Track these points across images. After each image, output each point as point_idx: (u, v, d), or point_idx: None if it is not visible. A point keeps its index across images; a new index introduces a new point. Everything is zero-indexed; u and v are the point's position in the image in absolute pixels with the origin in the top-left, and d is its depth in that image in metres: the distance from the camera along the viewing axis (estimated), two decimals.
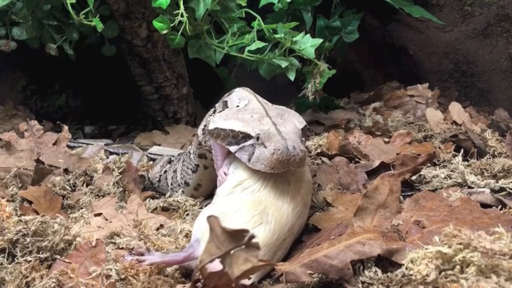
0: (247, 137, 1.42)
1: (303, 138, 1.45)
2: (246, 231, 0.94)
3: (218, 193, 1.45)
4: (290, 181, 1.41)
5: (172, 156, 2.24)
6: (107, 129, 3.24)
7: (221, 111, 1.70)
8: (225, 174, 1.50)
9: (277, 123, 1.43)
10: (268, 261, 1.22)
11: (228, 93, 1.80)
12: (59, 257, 1.30)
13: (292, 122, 1.47)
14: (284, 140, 1.36)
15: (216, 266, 1.15)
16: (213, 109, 1.82)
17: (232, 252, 0.94)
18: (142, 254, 1.31)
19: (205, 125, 1.62)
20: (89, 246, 1.33)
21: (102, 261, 1.27)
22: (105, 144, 2.54)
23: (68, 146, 2.29)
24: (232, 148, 1.45)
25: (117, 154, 2.30)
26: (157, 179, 2.16)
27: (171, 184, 2.05)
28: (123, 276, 1.20)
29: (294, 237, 1.41)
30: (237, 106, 1.66)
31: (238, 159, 1.46)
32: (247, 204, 1.35)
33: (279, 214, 1.34)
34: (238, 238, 0.94)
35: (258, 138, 1.40)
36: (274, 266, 1.23)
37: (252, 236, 0.93)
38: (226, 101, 1.75)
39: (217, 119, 1.54)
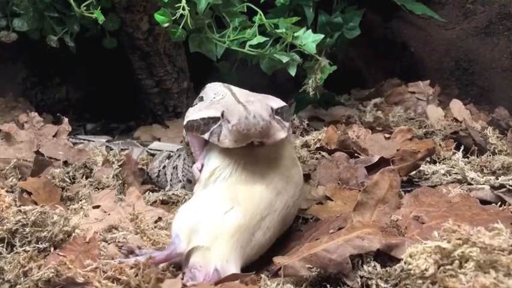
0: (216, 120, 1.42)
1: (277, 117, 1.43)
2: None
3: (195, 189, 1.45)
4: (260, 158, 1.40)
5: (172, 151, 2.24)
6: (108, 127, 3.23)
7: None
8: (199, 170, 1.47)
9: (246, 105, 1.41)
10: (247, 274, 1.22)
11: (202, 89, 1.79)
12: (52, 249, 1.30)
13: (264, 102, 1.45)
14: (247, 113, 1.34)
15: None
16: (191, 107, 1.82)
17: None
18: (132, 250, 1.32)
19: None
20: (82, 241, 1.33)
21: (96, 256, 1.27)
22: (106, 141, 2.55)
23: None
24: (206, 135, 1.45)
25: None
26: (156, 174, 2.16)
27: (171, 180, 2.05)
28: (111, 274, 1.19)
29: (281, 216, 1.39)
30: (211, 100, 1.64)
31: (210, 150, 1.47)
32: (218, 191, 1.36)
33: (250, 193, 1.34)
34: None
35: (222, 115, 1.40)
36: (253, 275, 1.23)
37: None
38: (202, 97, 1.74)
39: (189, 113, 1.54)
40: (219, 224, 1.29)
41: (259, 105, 1.40)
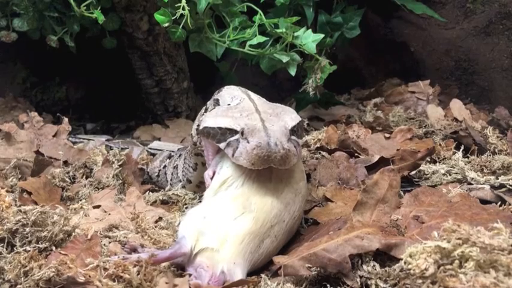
0: (233, 132, 1.42)
1: (293, 137, 1.43)
2: None
3: (205, 196, 1.45)
4: (272, 171, 1.40)
5: (172, 151, 2.24)
6: (109, 126, 3.24)
7: (212, 109, 1.69)
8: (211, 177, 1.47)
9: (265, 120, 1.42)
10: (252, 280, 1.23)
11: (217, 91, 1.79)
12: (54, 248, 1.30)
13: (282, 119, 1.45)
14: (267, 137, 1.35)
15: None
16: (204, 107, 1.82)
17: None
18: (135, 249, 1.32)
19: (198, 125, 1.63)
20: (84, 239, 1.33)
21: (98, 254, 1.27)
22: (106, 140, 2.54)
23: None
24: (222, 145, 1.45)
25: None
26: (156, 174, 2.16)
27: (171, 180, 2.05)
28: (113, 271, 1.19)
29: (288, 227, 1.40)
30: (228, 105, 1.65)
31: (223, 158, 1.47)
32: (230, 198, 1.37)
33: (261, 201, 1.35)
34: None
35: (242, 133, 1.39)
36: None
37: None
38: (217, 99, 1.74)
39: (207, 118, 1.54)
40: (230, 227, 1.30)
41: (278, 127, 1.40)
